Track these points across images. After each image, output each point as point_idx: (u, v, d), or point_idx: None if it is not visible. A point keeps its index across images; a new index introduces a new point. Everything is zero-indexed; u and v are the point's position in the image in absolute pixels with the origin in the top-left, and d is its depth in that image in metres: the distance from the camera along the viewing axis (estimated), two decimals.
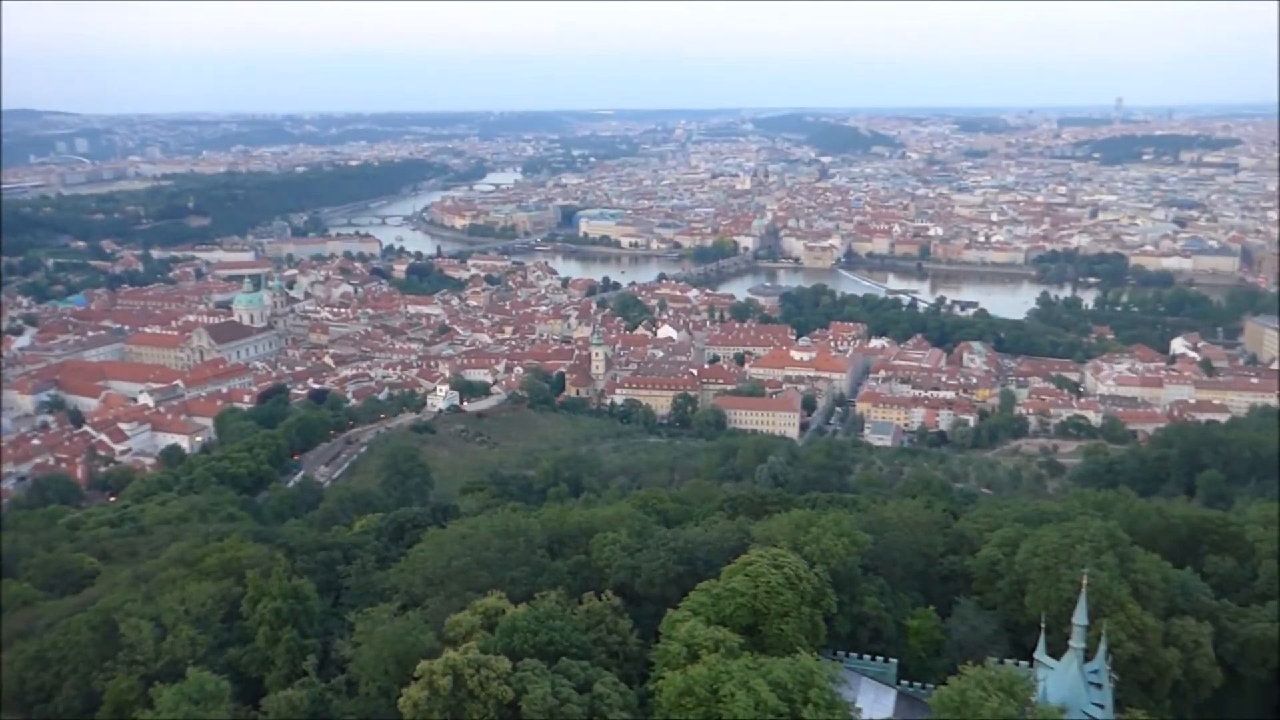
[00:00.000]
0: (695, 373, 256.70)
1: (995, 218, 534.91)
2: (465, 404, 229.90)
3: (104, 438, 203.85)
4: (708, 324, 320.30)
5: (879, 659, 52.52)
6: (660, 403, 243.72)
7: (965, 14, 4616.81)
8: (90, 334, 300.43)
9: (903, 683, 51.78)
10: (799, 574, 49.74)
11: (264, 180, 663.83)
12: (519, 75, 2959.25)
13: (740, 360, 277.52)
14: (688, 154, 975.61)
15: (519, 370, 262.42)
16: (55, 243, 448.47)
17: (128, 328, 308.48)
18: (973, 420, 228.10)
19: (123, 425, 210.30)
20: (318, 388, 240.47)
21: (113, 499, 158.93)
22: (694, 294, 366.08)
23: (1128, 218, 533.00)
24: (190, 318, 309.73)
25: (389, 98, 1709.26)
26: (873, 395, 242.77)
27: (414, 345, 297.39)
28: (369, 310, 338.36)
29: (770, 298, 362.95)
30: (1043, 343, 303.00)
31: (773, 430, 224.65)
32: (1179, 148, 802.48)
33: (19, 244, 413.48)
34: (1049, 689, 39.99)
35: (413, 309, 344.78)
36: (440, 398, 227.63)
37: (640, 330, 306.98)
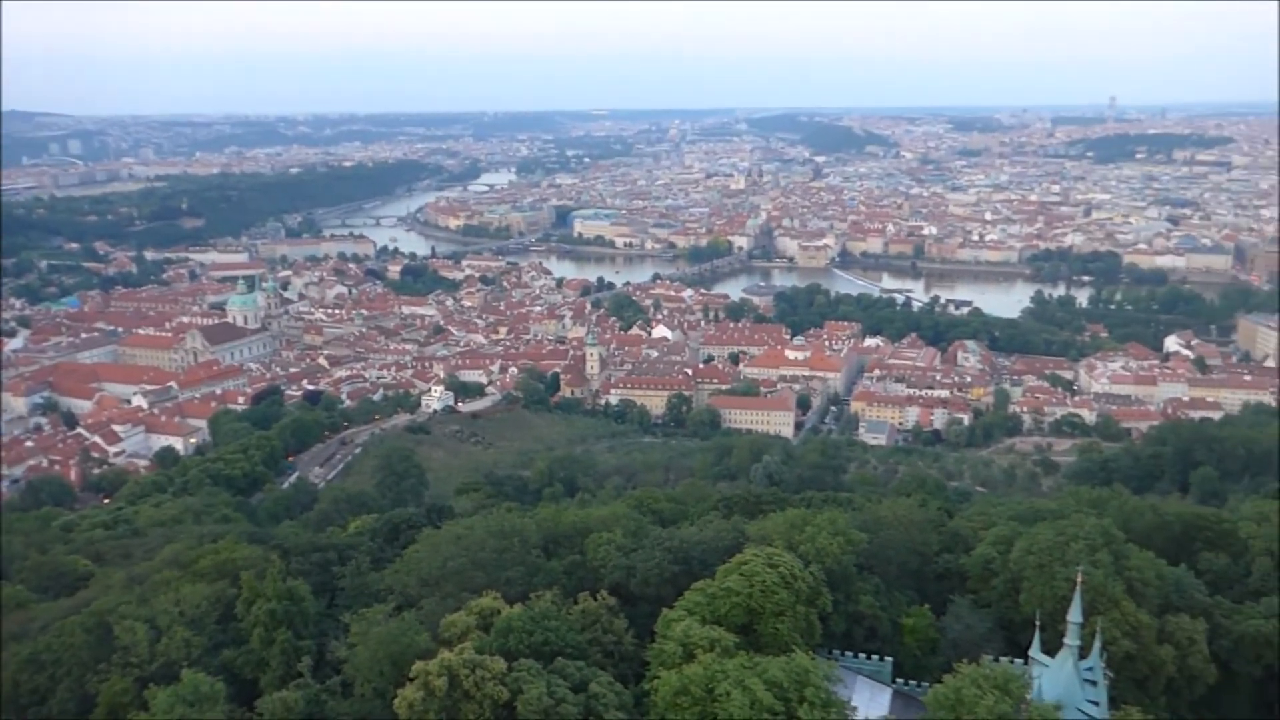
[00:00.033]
0: (690, 372, 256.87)
1: (989, 217, 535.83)
2: (460, 404, 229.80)
3: (98, 440, 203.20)
4: (702, 324, 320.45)
5: (874, 657, 52.58)
6: (655, 402, 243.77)
7: (959, 14, 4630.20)
8: (84, 336, 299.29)
9: (898, 681, 51.86)
10: (794, 573, 49.75)
11: (258, 181, 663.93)
12: (513, 75, 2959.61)
13: (735, 360, 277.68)
14: (682, 154, 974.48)
15: (514, 371, 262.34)
16: (48, 244, 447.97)
17: (121, 329, 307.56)
18: (967, 419, 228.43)
19: (116, 427, 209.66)
20: (312, 389, 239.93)
21: (107, 501, 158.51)
22: (689, 294, 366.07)
23: (1121, 216, 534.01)
24: (184, 319, 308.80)
25: (383, 98, 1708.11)
26: (867, 394, 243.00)
27: (408, 346, 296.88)
28: (363, 311, 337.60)
29: (765, 297, 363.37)
30: (1037, 341, 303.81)
31: (767, 430, 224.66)
32: (1172, 146, 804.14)
33: (12, 246, 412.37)
34: (1044, 686, 39.99)
35: (407, 310, 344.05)
36: (435, 398, 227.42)
37: (635, 330, 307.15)
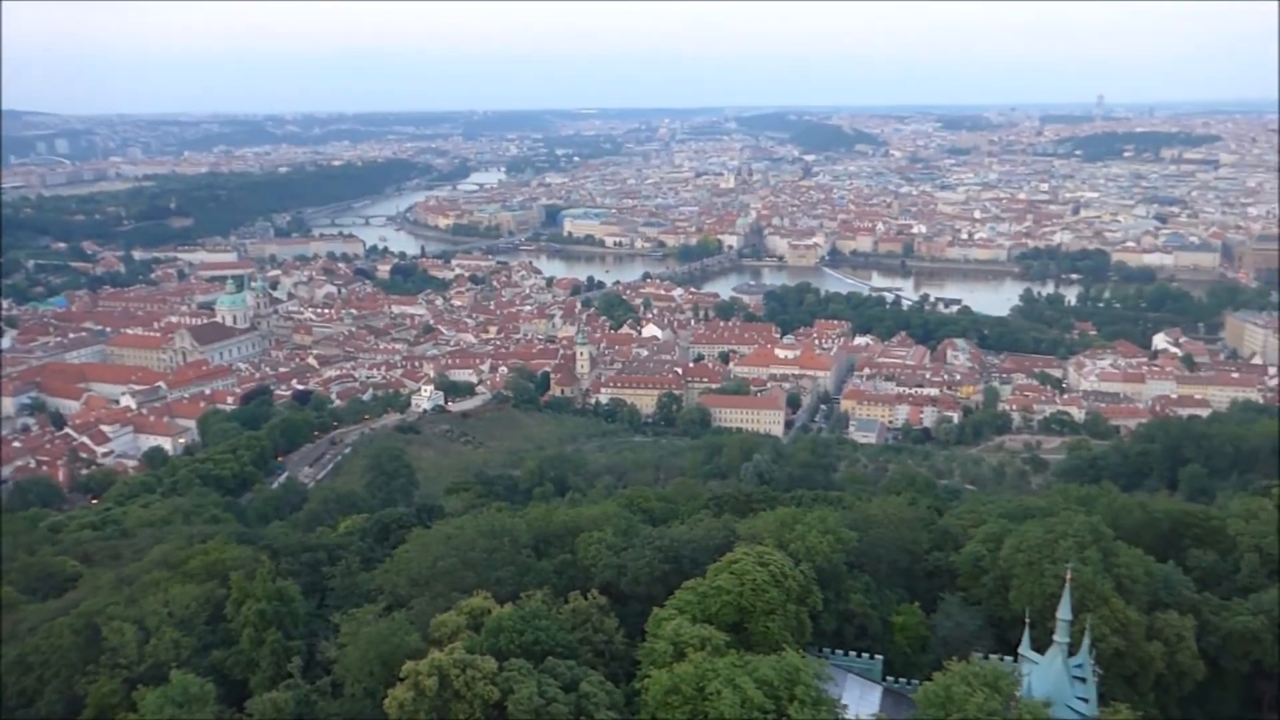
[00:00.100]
0: (680, 371, 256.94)
1: (978, 215, 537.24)
2: (450, 404, 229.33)
3: (86, 440, 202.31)
4: (692, 323, 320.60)
5: (864, 655, 52.70)
6: (645, 401, 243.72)
7: (948, 13, 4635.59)
8: (71, 336, 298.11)
9: (888, 679, 51.97)
10: (784, 571, 49.81)
11: (246, 181, 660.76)
12: (502, 75, 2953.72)
13: (725, 359, 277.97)
14: (672, 153, 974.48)
15: (504, 370, 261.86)
16: (35, 244, 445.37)
17: (109, 329, 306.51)
18: (957, 417, 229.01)
19: (105, 427, 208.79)
20: (302, 389, 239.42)
21: (95, 501, 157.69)
22: (678, 293, 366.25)
23: (1109, 214, 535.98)
24: (172, 319, 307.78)
25: (372, 97, 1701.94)
26: (857, 393, 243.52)
27: (398, 345, 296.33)
28: (353, 311, 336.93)
29: (754, 296, 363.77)
30: (1026, 339, 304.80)
31: (758, 428, 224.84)
32: (1160, 145, 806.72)
33: None
34: (1033, 684, 40.19)
35: (397, 309, 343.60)
36: (425, 398, 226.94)
37: (625, 329, 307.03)
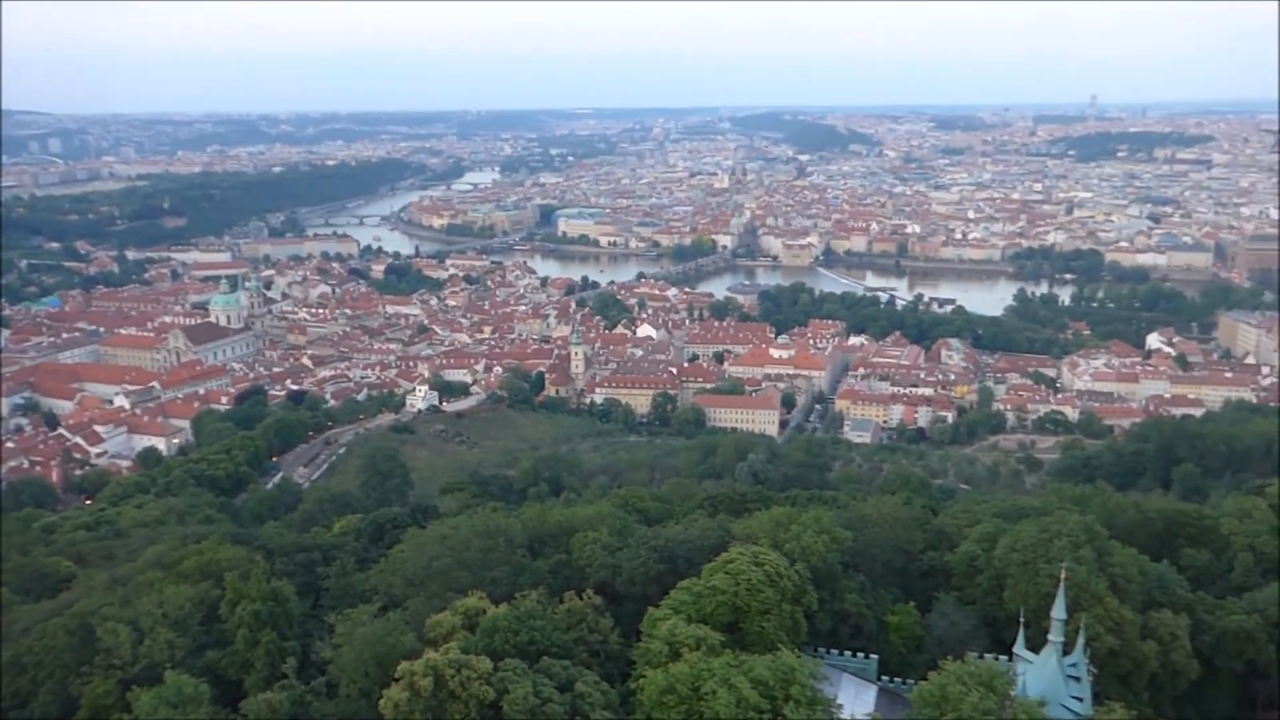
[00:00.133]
0: (674, 371, 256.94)
1: (972, 215, 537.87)
2: (444, 404, 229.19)
3: (79, 440, 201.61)
4: (687, 322, 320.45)
5: (860, 655, 52.80)
6: (640, 401, 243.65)
7: (943, 13, 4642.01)
8: (65, 336, 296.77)
9: (883, 678, 52.07)
10: (779, 571, 49.87)
11: (240, 180, 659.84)
12: (497, 74, 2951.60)
13: (719, 359, 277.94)
14: (666, 152, 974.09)
15: (498, 370, 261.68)
16: (28, 244, 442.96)
17: (103, 329, 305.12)
18: (951, 417, 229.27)
19: (98, 428, 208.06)
20: (296, 389, 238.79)
21: (89, 502, 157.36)
22: (673, 293, 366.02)
23: (1103, 214, 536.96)
24: (166, 319, 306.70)
25: (366, 97, 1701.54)
26: (852, 392, 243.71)
27: (392, 345, 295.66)
28: (347, 311, 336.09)
29: (749, 296, 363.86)
30: (1020, 339, 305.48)
31: (752, 428, 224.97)
32: (1153, 145, 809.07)
33: None
34: (1028, 683, 40.22)
35: (391, 309, 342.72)
36: (419, 398, 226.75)
37: (619, 329, 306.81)
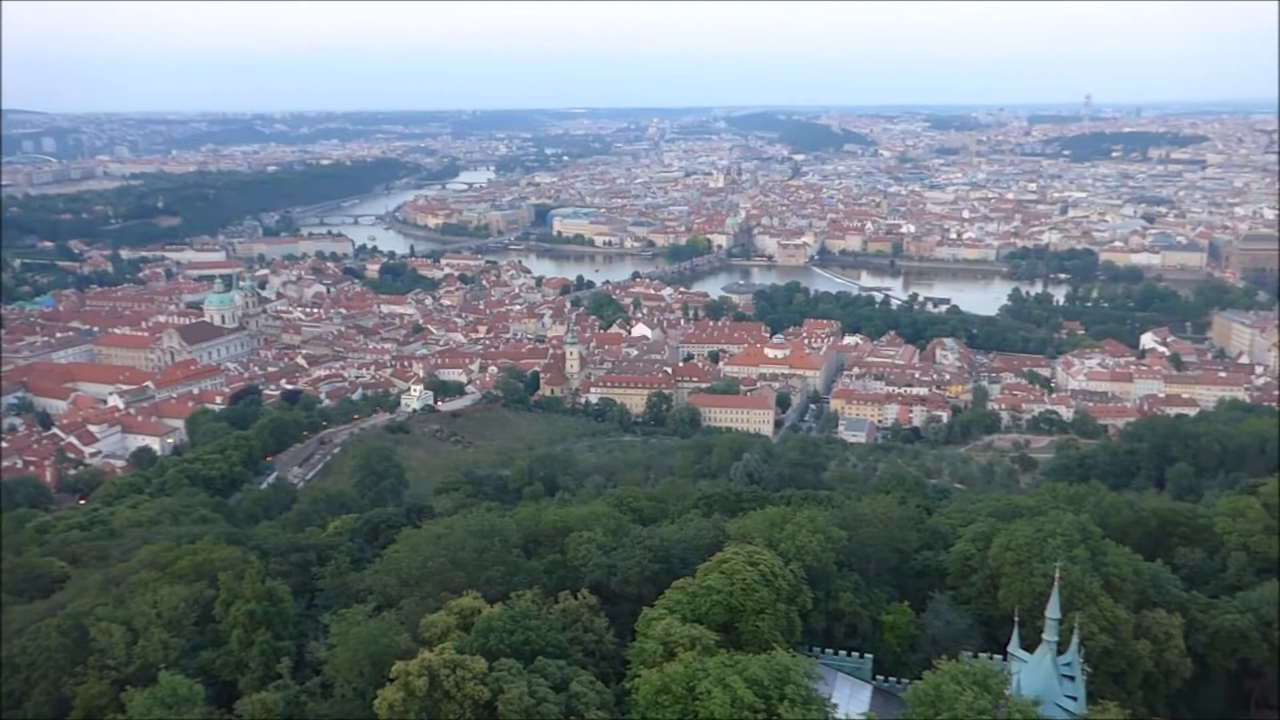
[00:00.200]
0: (670, 371, 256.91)
1: (967, 215, 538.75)
2: (439, 404, 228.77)
3: (73, 440, 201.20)
4: (682, 322, 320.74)
5: (854, 655, 52.70)
6: (635, 401, 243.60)
7: (938, 13, 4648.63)
8: (58, 335, 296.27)
9: (878, 678, 52.03)
10: (774, 571, 49.83)
11: (234, 179, 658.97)
12: (492, 74, 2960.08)
13: (714, 358, 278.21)
14: (661, 152, 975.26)
15: (493, 369, 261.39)
16: (22, 243, 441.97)
17: (97, 329, 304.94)
18: (946, 416, 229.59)
19: (92, 427, 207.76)
20: (290, 388, 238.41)
21: (82, 502, 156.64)
22: (668, 292, 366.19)
23: (1097, 214, 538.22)
24: (160, 318, 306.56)
25: (361, 96, 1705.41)
26: (847, 392, 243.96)
27: (387, 345, 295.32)
28: (342, 310, 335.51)
29: (744, 295, 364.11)
30: (1014, 338, 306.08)
31: (747, 428, 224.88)
32: (1147, 145, 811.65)
33: None
34: (1023, 682, 40.29)
35: (386, 309, 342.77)
36: (414, 397, 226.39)
37: (614, 329, 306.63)
